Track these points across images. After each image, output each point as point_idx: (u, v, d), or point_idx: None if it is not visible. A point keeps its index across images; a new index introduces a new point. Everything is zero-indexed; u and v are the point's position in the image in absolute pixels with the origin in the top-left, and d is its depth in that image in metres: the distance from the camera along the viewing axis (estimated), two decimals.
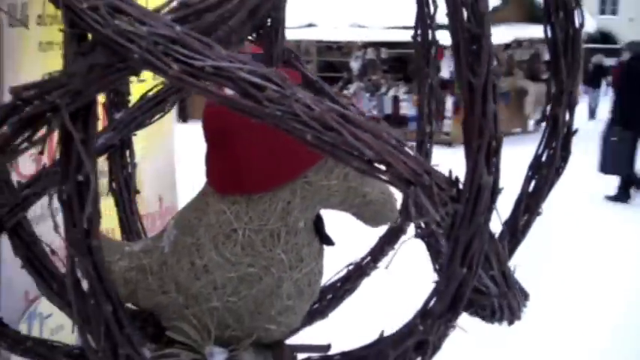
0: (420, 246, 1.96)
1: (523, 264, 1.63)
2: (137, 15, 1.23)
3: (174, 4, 1.30)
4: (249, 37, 1.84)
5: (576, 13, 1.54)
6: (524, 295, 1.56)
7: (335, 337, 1.90)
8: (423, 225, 1.86)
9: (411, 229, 2.02)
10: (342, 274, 1.99)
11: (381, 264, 2.12)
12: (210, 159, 1.61)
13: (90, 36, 1.27)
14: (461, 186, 1.31)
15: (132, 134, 2.00)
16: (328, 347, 1.75)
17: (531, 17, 12.47)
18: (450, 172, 1.32)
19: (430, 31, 1.97)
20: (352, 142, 1.20)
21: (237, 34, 1.31)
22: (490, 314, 1.52)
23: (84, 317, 1.40)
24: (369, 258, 2.08)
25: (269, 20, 1.86)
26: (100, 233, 1.39)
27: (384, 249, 2.10)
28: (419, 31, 1.97)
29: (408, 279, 4.41)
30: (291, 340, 1.76)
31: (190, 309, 1.59)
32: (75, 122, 1.29)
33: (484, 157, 1.31)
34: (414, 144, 1.83)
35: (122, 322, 1.42)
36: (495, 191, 1.33)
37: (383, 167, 1.24)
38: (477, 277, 1.38)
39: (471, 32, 1.29)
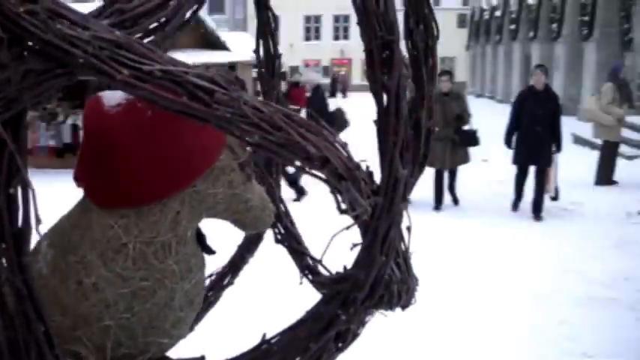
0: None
1: None
2: (78, 20, 1.22)
3: (105, 8, 1.29)
4: None
5: (433, 25, 1.66)
6: (417, 281, 1.66)
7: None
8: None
9: (269, 235, 2.11)
10: (207, 284, 1.98)
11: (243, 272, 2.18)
12: (89, 173, 1.57)
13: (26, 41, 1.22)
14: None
15: None
16: (202, 358, 1.74)
17: (205, 44, 13.91)
18: (367, 167, 1.46)
19: (272, 45, 2.04)
20: (299, 141, 1.29)
21: (170, 40, 1.34)
22: (388, 301, 1.58)
23: (11, 338, 1.31)
24: (229, 267, 2.11)
25: None
26: None
27: (244, 257, 2.13)
28: (261, 46, 2.03)
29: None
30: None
31: (80, 330, 1.51)
32: (5, 131, 1.23)
33: (399, 153, 1.44)
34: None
35: (52, 343, 1.36)
36: (409, 184, 1.47)
37: (319, 163, 1.32)
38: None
39: (383, 39, 1.44)
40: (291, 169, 7.62)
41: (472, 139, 8.45)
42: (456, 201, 8.74)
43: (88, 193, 1.58)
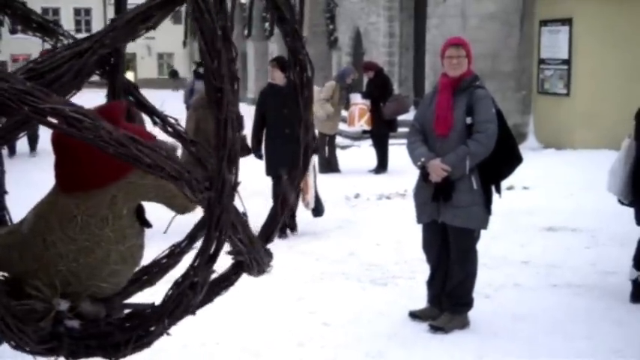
0: None
1: None
2: (4, 76, 1.81)
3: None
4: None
5: (308, 66, 2.25)
6: (269, 255, 2.31)
7: None
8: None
9: None
10: (166, 252, 2.45)
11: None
12: (57, 168, 2.26)
13: None
14: None
15: None
16: (152, 304, 2.29)
17: None
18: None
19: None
20: (136, 154, 1.87)
21: (71, 86, 2.07)
22: (247, 267, 2.25)
23: None
24: (187, 240, 2.51)
25: (112, 59, 2.37)
26: None
27: (197, 234, 2.51)
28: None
29: None
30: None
31: (41, 272, 2.21)
32: None
33: (226, 162, 1.97)
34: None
35: None
36: (236, 183, 2.02)
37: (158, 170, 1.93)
38: (231, 240, 2.11)
39: (216, 86, 1.94)
40: None
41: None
42: None
43: (56, 182, 2.28)
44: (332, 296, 5.35)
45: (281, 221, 2.36)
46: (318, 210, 7.45)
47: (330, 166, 11.23)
